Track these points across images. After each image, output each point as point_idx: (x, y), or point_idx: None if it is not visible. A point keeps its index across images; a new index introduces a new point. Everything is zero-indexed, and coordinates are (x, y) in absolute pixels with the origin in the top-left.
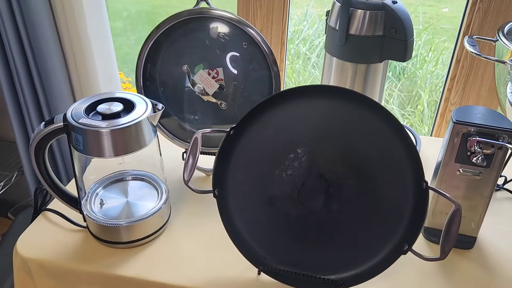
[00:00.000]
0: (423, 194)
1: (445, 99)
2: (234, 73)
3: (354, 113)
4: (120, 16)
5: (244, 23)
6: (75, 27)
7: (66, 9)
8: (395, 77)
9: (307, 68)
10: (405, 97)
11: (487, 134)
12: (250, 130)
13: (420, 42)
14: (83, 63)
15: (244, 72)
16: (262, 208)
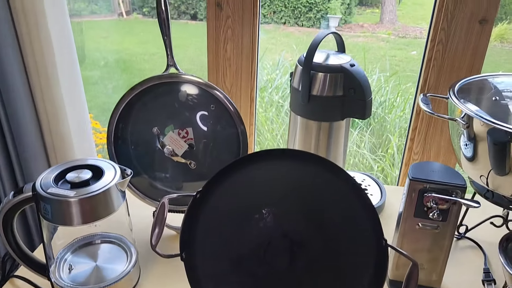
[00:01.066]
0: (383, 251)
1: (409, 148)
2: (204, 130)
3: (316, 175)
4: (98, 65)
5: (211, 86)
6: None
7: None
8: (366, 122)
9: (280, 115)
10: (376, 142)
11: (441, 190)
12: (216, 193)
13: (388, 88)
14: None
15: (213, 131)
16: (229, 269)
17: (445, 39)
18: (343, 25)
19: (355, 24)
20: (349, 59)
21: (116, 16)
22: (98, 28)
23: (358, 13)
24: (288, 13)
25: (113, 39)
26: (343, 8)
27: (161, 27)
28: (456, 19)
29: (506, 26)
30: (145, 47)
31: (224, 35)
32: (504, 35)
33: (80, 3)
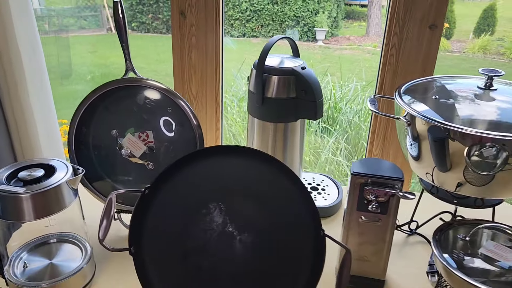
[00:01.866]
0: (321, 241)
1: (369, 151)
2: (166, 134)
3: (262, 171)
4: (84, 79)
5: (168, 90)
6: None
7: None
8: (342, 130)
9: None
10: (352, 149)
11: (380, 184)
12: (164, 189)
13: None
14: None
15: (173, 135)
16: (177, 262)
17: (398, 44)
18: (330, 38)
19: (341, 37)
20: (301, 63)
21: (105, 31)
22: (86, 43)
23: (345, 26)
24: (276, 26)
25: (101, 54)
26: (329, 21)
27: (119, 34)
28: (407, 24)
29: (489, 38)
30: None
31: (189, 43)
32: (486, 46)
33: (69, 18)
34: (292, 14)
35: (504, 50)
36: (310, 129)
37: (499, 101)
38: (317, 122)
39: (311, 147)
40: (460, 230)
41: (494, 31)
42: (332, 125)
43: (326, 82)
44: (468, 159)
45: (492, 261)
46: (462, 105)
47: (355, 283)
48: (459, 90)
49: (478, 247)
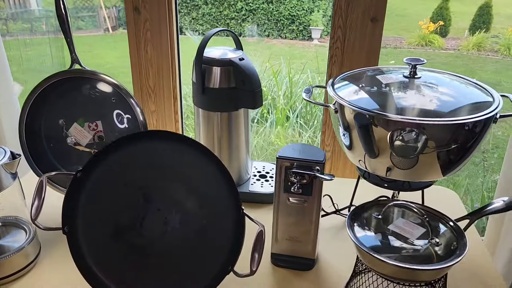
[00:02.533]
0: (240, 220)
1: (322, 141)
2: (119, 127)
3: (186, 154)
4: None
5: (113, 82)
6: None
7: None
8: (320, 124)
9: None
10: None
11: (303, 167)
12: (96, 171)
13: None
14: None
15: (125, 126)
16: (109, 241)
17: (342, 37)
18: (325, 36)
19: None
20: (240, 54)
21: (102, 31)
22: (82, 43)
23: None
24: (271, 25)
25: (96, 54)
26: (325, 20)
27: (62, 28)
28: (350, 18)
29: (483, 35)
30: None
31: (144, 37)
32: (481, 43)
33: None
34: (287, 13)
35: (498, 47)
36: (286, 124)
37: (422, 88)
38: (294, 117)
39: (288, 142)
40: (375, 209)
41: (489, 28)
42: (309, 120)
43: (305, 78)
44: (391, 144)
45: (403, 237)
46: (387, 92)
47: (287, 262)
48: (386, 79)
49: (390, 224)
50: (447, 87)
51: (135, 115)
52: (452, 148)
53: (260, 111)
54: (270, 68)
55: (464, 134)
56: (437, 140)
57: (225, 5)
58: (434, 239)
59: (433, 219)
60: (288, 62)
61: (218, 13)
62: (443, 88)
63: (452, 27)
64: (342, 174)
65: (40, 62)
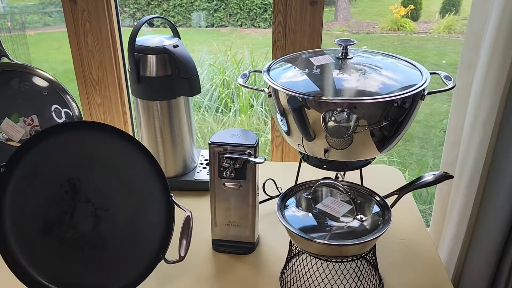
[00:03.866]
0: (170, 207)
1: (272, 126)
2: (57, 121)
3: (114, 144)
4: None
5: (43, 75)
6: None
7: None
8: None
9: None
10: None
11: (236, 151)
12: (21, 165)
13: None
14: None
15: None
16: (39, 236)
17: (283, 21)
18: None
19: None
20: (175, 41)
21: None
22: (51, 39)
23: None
24: (244, 15)
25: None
26: None
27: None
28: (289, 2)
29: (453, 17)
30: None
31: (83, 28)
32: (451, 25)
33: (33, 15)
34: (259, 1)
35: None
36: (249, 112)
37: (353, 69)
38: (258, 105)
39: (252, 129)
40: (306, 190)
41: (459, 11)
42: None
43: None
44: (324, 125)
45: (332, 216)
46: (319, 74)
47: (228, 247)
48: (317, 61)
49: (318, 204)
50: (378, 66)
51: (70, 109)
52: (384, 125)
53: (223, 101)
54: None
55: (394, 110)
56: (368, 118)
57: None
58: (358, 215)
59: (361, 196)
60: (251, 50)
61: (189, 4)
62: (374, 67)
63: (423, 10)
64: (295, 159)
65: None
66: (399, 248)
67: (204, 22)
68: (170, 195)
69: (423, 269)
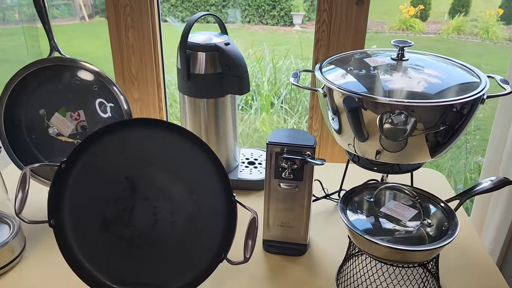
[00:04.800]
0: (232, 207)
1: (309, 126)
2: (102, 116)
3: (175, 142)
4: None
5: (95, 70)
6: None
7: None
8: (305, 110)
9: None
10: None
11: (294, 152)
12: (81, 162)
13: None
14: None
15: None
16: (97, 233)
17: (328, 20)
18: (307, 22)
19: None
20: (225, 39)
21: (78, 20)
22: (60, 32)
23: None
24: (252, 11)
25: (75, 43)
26: (306, 5)
27: (40, 16)
28: (335, 1)
29: (463, 18)
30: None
31: (125, 23)
32: (461, 27)
33: None
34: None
35: (477, 31)
36: (271, 110)
37: (409, 71)
38: (279, 103)
39: (273, 128)
40: (367, 193)
41: (468, 12)
42: (294, 106)
43: (289, 64)
44: (380, 127)
45: (396, 219)
46: (375, 75)
47: (279, 248)
48: (374, 62)
49: (382, 207)
50: (435, 69)
51: (119, 103)
52: (441, 130)
53: (244, 98)
54: (254, 54)
55: (452, 115)
56: (426, 122)
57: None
58: (426, 220)
59: (424, 201)
60: (272, 48)
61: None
62: (431, 70)
63: (432, 11)
64: (330, 159)
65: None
66: (454, 254)
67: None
68: (233, 195)
69: (480, 276)
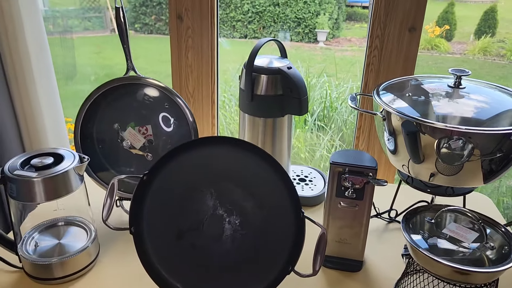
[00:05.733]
0: (300, 222)
1: (356, 146)
2: (164, 129)
3: (247, 160)
4: (89, 79)
5: (166, 88)
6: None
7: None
8: (337, 129)
9: None
10: (346, 147)
11: (356, 172)
12: (161, 175)
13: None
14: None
15: (171, 130)
16: (173, 241)
17: (380, 46)
18: (331, 39)
19: (342, 38)
20: (287, 63)
21: (108, 32)
22: (90, 44)
23: (347, 28)
24: (277, 28)
25: (105, 55)
26: (330, 23)
27: (120, 37)
28: (388, 27)
29: (489, 40)
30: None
31: (185, 44)
32: (487, 48)
33: (74, 19)
34: (294, 15)
35: (504, 52)
36: (305, 127)
37: (466, 98)
38: (312, 121)
39: (307, 145)
40: (427, 214)
41: (494, 33)
42: (327, 124)
43: (323, 82)
44: (438, 151)
45: (456, 241)
46: (433, 102)
47: (336, 264)
48: (431, 89)
49: (442, 228)
50: (491, 97)
51: (186, 118)
52: (496, 157)
53: None
54: None
55: (509, 143)
56: (482, 149)
57: (232, 7)
58: (488, 243)
59: (485, 224)
60: (307, 66)
61: (224, 15)
62: (487, 98)
63: (458, 31)
64: None
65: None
66: (509, 280)
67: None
68: (301, 211)
69: None
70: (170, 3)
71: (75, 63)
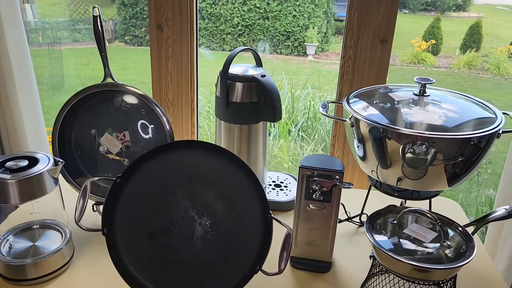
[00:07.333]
0: (268, 223)
1: (331, 153)
2: (143, 137)
3: (218, 163)
4: (76, 90)
5: (143, 95)
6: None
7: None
8: (320, 139)
9: None
10: None
11: (324, 175)
12: (134, 178)
13: None
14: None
15: (149, 137)
16: (145, 243)
17: (354, 56)
18: (320, 52)
19: (331, 52)
20: (261, 71)
21: None
22: (80, 55)
23: (335, 42)
24: (267, 41)
25: (93, 66)
26: (319, 36)
27: (98, 45)
28: (361, 38)
29: (474, 54)
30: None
31: (165, 53)
32: (472, 62)
33: (63, 31)
34: (283, 29)
35: (488, 66)
36: (289, 137)
37: (430, 105)
38: (296, 131)
39: (290, 154)
40: (391, 215)
41: (479, 48)
42: (310, 134)
43: (307, 94)
44: (403, 156)
45: (418, 241)
46: (399, 109)
47: (305, 265)
48: (397, 96)
49: (404, 229)
50: (453, 104)
51: (162, 124)
52: (459, 161)
53: None
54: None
55: (470, 148)
56: (445, 153)
57: (222, 20)
58: (446, 242)
59: (443, 224)
60: (291, 78)
61: (214, 28)
62: (450, 105)
63: (444, 45)
64: None
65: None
66: (470, 278)
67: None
68: (269, 213)
69: None
70: (150, 13)
71: (63, 74)
